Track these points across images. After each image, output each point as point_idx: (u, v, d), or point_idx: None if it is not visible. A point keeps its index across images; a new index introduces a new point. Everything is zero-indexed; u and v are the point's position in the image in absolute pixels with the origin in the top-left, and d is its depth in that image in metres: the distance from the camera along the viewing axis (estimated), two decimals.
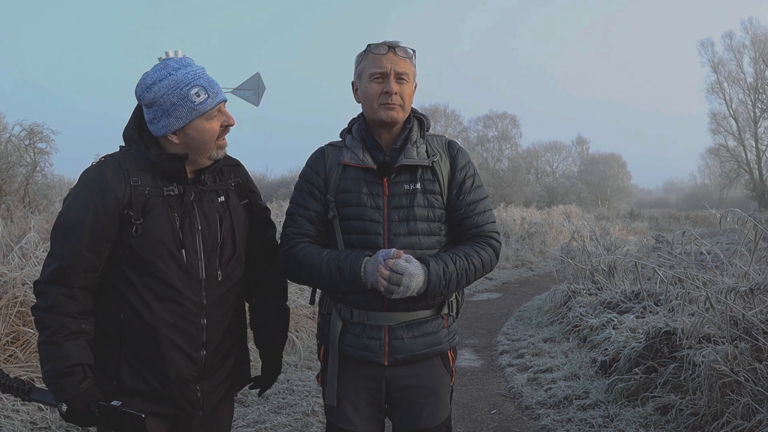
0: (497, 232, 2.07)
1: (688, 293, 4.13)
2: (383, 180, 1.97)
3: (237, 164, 2.03)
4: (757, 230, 4.17)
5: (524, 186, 40.27)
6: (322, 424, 3.96)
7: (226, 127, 1.85)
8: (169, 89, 1.74)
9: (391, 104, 1.95)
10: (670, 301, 4.89)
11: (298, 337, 5.78)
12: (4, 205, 9.79)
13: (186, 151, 1.80)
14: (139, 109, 1.84)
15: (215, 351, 1.87)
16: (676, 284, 4.98)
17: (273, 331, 2.10)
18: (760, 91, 41.67)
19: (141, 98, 1.78)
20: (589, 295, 6.92)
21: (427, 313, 2.01)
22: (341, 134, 2.10)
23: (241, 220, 1.94)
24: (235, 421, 3.99)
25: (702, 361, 3.58)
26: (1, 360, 3.85)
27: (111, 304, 1.78)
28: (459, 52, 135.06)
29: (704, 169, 56.79)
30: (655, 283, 6.00)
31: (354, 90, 2.06)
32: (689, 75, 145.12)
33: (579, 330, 6.01)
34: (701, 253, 5.63)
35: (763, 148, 42.34)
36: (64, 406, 1.69)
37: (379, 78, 1.96)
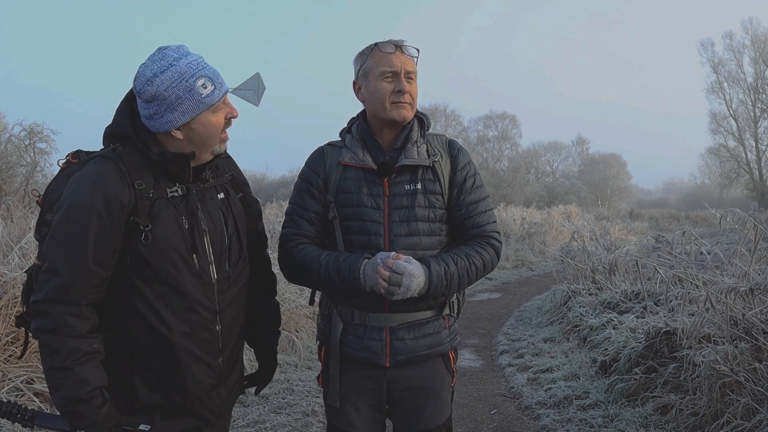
0: (498, 232, 2.06)
1: (688, 293, 4.13)
2: (384, 180, 1.96)
3: (228, 156, 1.94)
4: (757, 230, 4.17)
5: (524, 186, 40.29)
6: (322, 424, 3.96)
7: (230, 120, 1.74)
8: (174, 81, 1.60)
9: (403, 103, 1.94)
10: (670, 301, 4.89)
11: (298, 337, 5.78)
12: (4, 205, 9.78)
13: (190, 147, 1.69)
14: (128, 102, 1.70)
15: (230, 356, 1.82)
16: (676, 284, 4.98)
17: (268, 328, 2.04)
18: (760, 91, 41.67)
19: (141, 92, 1.62)
20: (589, 295, 6.92)
21: (429, 313, 2.00)
22: (341, 134, 2.08)
23: (242, 216, 1.87)
24: (234, 421, 3.99)
25: (702, 361, 3.58)
26: (1, 360, 3.85)
27: (119, 318, 1.67)
28: (458, 53, 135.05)
29: (704, 169, 56.87)
30: (655, 283, 6.00)
31: (356, 89, 2.03)
32: (689, 75, 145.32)
33: (579, 330, 6.01)
34: (701, 253, 5.63)
35: (763, 148, 42.36)
36: None
37: (389, 77, 1.94)
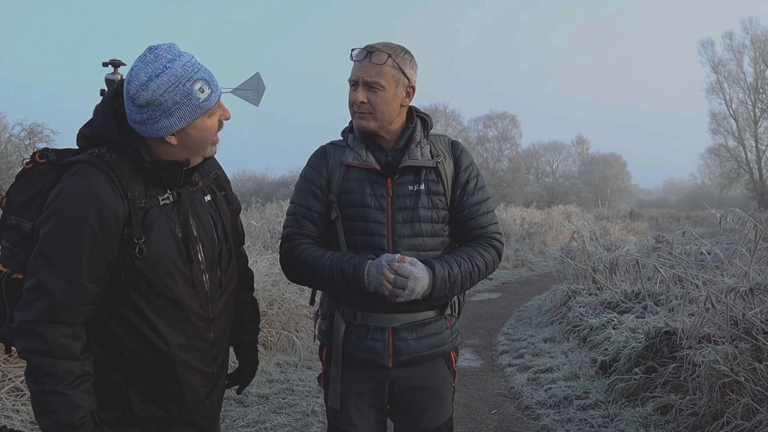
0: (500, 233, 2.07)
1: (688, 293, 4.13)
2: (387, 181, 1.95)
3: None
4: (757, 230, 4.17)
5: (524, 186, 40.27)
6: (322, 424, 3.96)
7: (221, 122, 1.68)
8: (170, 85, 1.51)
9: (359, 113, 1.94)
10: (670, 301, 4.89)
11: (298, 337, 5.78)
12: None
13: (183, 152, 1.62)
14: (111, 102, 1.61)
15: (222, 363, 1.79)
16: (676, 284, 4.98)
17: (248, 326, 1.99)
18: (760, 91, 41.67)
19: (136, 97, 1.52)
20: (589, 295, 6.92)
21: (431, 314, 2.00)
22: (343, 133, 2.07)
23: (228, 218, 1.83)
24: (234, 421, 3.99)
25: (702, 361, 3.58)
26: (1, 360, 3.85)
27: (110, 332, 1.60)
28: (458, 53, 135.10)
29: (704, 169, 56.82)
30: (655, 283, 6.00)
31: None
32: (689, 75, 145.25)
33: (579, 330, 6.01)
34: (701, 253, 5.62)
35: (763, 148, 42.36)
36: None
37: (354, 86, 1.95)
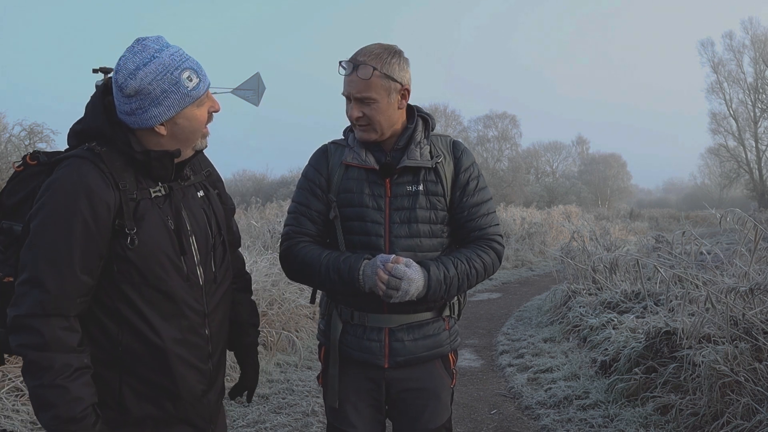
0: (500, 235, 2.04)
1: (688, 293, 4.13)
2: (386, 181, 1.95)
3: (201, 152, 1.85)
4: (757, 230, 4.17)
5: (524, 186, 40.27)
6: (322, 424, 3.96)
7: (211, 114, 1.68)
8: (158, 74, 1.53)
9: (360, 126, 1.94)
10: (670, 301, 4.89)
11: (298, 337, 5.78)
12: None
13: (173, 143, 1.62)
14: (102, 98, 1.62)
15: (218, 360, 1.76)
16: (676, 284, 4.98)
17: (248, 327, 1.96)
18: (760, 91, 41.66)
19: (124, 86, 1.53)
20: (589, 295, 6.92)
21: (428, 315, 1.99)
22: (345, 132, 2.07)
23: (221, 214, 1.82)
24: (234, 421, 3.99)
25: (702, 361, 3.58)
26: None
27: (103, 327, 1.59)
28: (457, 53, 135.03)
29: (704, 169, 56.83)
30: (655, 283, 6.00)
31: None
32: (689, 75, 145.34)
33: (579, 330, 6.01)
34: (701, 253, 5.62)
35: (763, 148, 42.35)
36: None
37: (348, 101, 1.94)
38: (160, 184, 1.64)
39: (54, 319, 1.47)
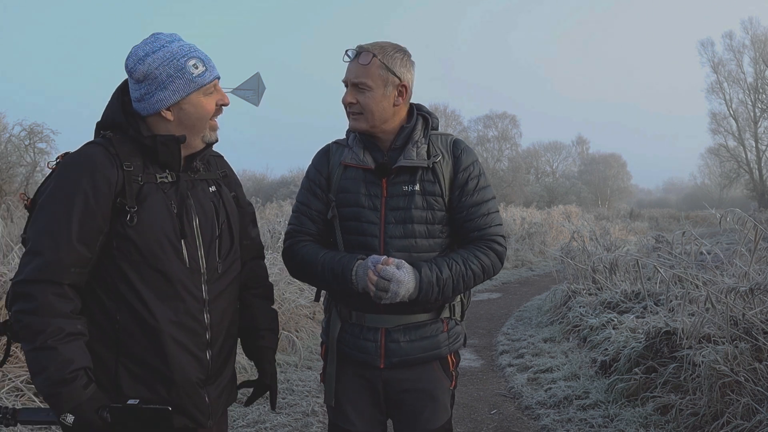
0: (502, 236, 1.98)
1: (688, 293, 4.13)
2: (382, 181, 1.94)
3: (220, 156, 1.93)
4: (757, 230, 4.17)
5: (524, 186, 40.29)
6: (322, 424, 3.97)
7: (220, 107, 1.73)
8: (165, 60, 1.62)
9: (350, 114, 1.95)
10: (670, 301, 4.89)
11: (298, 337, 5.78)
12: (4, 205, 9.78)
13: (180, 129, 1.67)
14: (120, 93, 1.71)
15: (219, 352, 1.76)
16: (676, 284, 4.98)
17: (264, 332, 1.95)
18: (760, 91, 41.66)
19: (133, 71, 1.63)
20: (589, 295, 6.93)
21: (425, 316, 1.97)
22: (347, 132, 2.07)
23: (234, 211, 1.84)
24: (234, 421, 3.99)
25: (702, 361, 3.58)
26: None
27: (102, 306, 1.62)
28: (457, 53, 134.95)
29: (704, 169, 56.86)
30: (655, 283, 6.00)
31: None
32: (689, 75, 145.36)
33: (579, 330, 6.02)
34: (701, 253, 5.62)
35: (763, 148, 42.36)
36: (70, 417, 1.49)
37: (346, 87, 1.96)
38: (168, 172, 1.68)
39: (47, 285, 1.52)
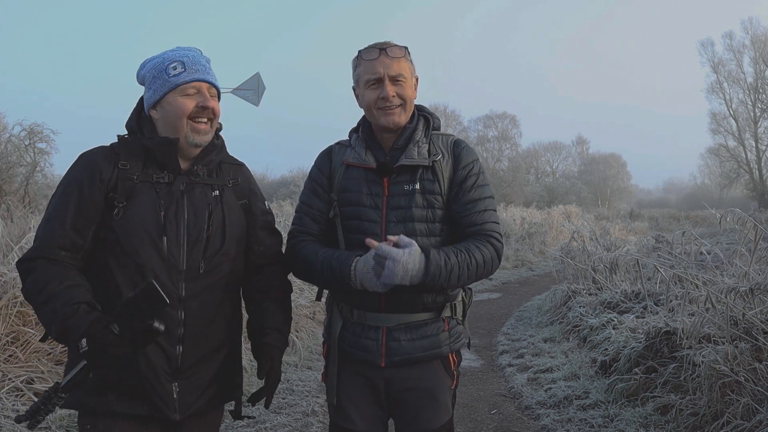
0: (499, 233, 1.99)
1: (688, 293, 4.13)
2: (384, 180, 1.95)
3: (240, 165, 1.99)
4: (757, 230, 4.17)
5: (524, 186, 40.31)
6: (322, 424, 3.97)
7: (203, 109, 1.78)
8: (155, 65, 1.81)
9: (389, 109, 1.93)
10: (671, 301, 4.89)
11: (298, 337, 5.78)
12: (4, 205, 9.79)
13: (167, 130, 1.79)
14: (140, 101, 1.89)
15: (194, 349, 1.77)
16: (676, 284, 4.98)
17: (272, 331, 1.93)
18: (760, 91, 41.66)
19: (138, 77, 1.87)
20: (589, 295, 6.93)
21: (427, 315, 1.97)
22: (350, 133, 2.09)
23: (235, 216, 1.88)
24: (234, 421, 3.99)
25: (702, 361, 3.58)
26: (1, 360, 3.85)
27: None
28: (456, 54, 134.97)
29: (704, 169, 56.88)
30: (656, 283, 6.00)
31: (355, 96, 2.04)
32: (689, 75, 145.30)
33: (579, 330, 6.02)
34: (701, 253, 5.63)
35: (763, 148, 42.35)
36: (84, 341, 1.55)
37: (374, 84, 1.94)
38: (165, 173, 1.79)
39: (41, 260, 1.69)
